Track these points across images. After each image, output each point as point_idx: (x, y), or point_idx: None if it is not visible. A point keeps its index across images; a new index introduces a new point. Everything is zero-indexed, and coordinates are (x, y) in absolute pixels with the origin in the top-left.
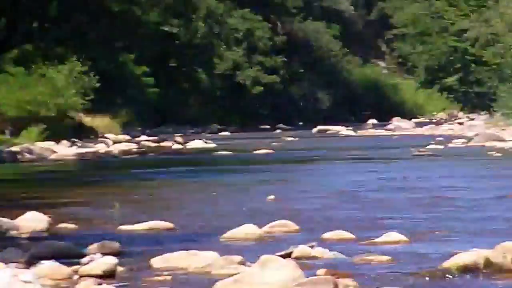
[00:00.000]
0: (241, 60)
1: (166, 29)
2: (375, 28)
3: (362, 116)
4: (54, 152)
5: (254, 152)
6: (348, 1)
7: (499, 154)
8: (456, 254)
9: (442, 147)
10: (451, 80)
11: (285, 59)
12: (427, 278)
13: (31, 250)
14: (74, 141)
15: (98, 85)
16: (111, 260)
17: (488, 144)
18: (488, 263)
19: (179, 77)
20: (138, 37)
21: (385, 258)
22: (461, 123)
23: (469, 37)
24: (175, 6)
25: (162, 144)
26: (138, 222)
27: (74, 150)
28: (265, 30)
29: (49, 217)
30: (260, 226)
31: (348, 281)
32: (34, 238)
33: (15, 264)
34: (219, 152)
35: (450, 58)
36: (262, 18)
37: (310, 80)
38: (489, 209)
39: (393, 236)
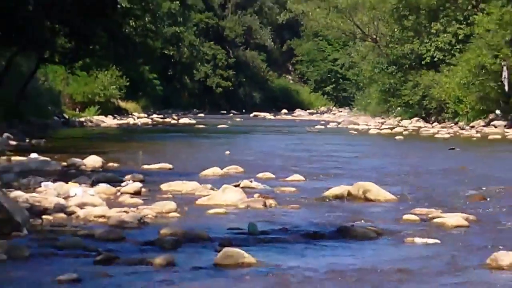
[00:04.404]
0: (209, 72)
1: (166, 52)
2: (286, 56)
3: (278, 108)
4: (104, 122)
5: (218, 126)
6: (270, 39)
7: (355, 132)
8: (331, 188)
9: (323, 127)
10: (329, 88)
11: (234, 73)
12: (315, 201)
13: (93, 177)
14: (115, 116)
15: (128, 83)
16: (138, 185)
17: (349, 126)
18: (349, 194)
19: (173, 81)
20: (151, 56)
21: (292, 189)
22: (334, 114)
23: (339, 63)
24: (171, 39)
25: (165, 120)
26: (153, 164)
27: (115, 121)
28: (223, 55)
29: (102, 158)
30: (222, 168)
31: (271, 201)
32: (94, 170)
33: (84, 185)
34: (198, 126)
35: (328, 75)
36: (220, 47)
37: (249, 86)
38: (350, 163)
39: (296, 177)
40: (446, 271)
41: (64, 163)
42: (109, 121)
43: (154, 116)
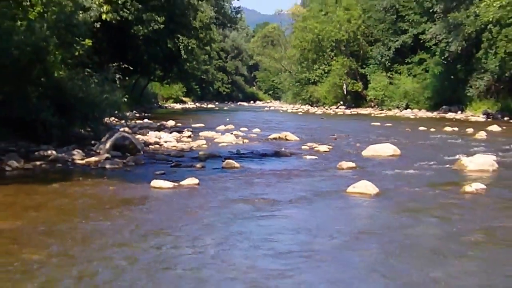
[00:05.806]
0: (220, 85)
1: (202, 77)
2: (253, 79)
3: (250, 101)
4: (176, 106)
5: (224, 108)
6: (246, 71)
7: (282, 111)
8: (271, 134)
9: (268, 109)
10: (271, 92)
11: (231, 85)
12: (265, 140)
13: (171, 129)
14: (180, 104)
15: (185, 89)
16: (189, 133)
17: (279, 108)
18: (279, 137)
19: (205, 89)
20: (195, 79)
21: (255, 135)
22: (273, 103)
23: (275, 81)
24: (204, 71)
25: (201, 105)
26: (196, 124)
27: (180, 106)
28: (226, 78)
29: (175, 121)
30: (225, 126)
31: (246, 140)
32: (171, 127)
33: (166, 132)
34: (215, 108)
35: (270, 87)
36: (225, 75)
37: (237, 91)
38: (280, 124)
39: (257, 130)
40: (319, 170)
41: (158, 123)
42: (178, 106)
43: (197, 104)
